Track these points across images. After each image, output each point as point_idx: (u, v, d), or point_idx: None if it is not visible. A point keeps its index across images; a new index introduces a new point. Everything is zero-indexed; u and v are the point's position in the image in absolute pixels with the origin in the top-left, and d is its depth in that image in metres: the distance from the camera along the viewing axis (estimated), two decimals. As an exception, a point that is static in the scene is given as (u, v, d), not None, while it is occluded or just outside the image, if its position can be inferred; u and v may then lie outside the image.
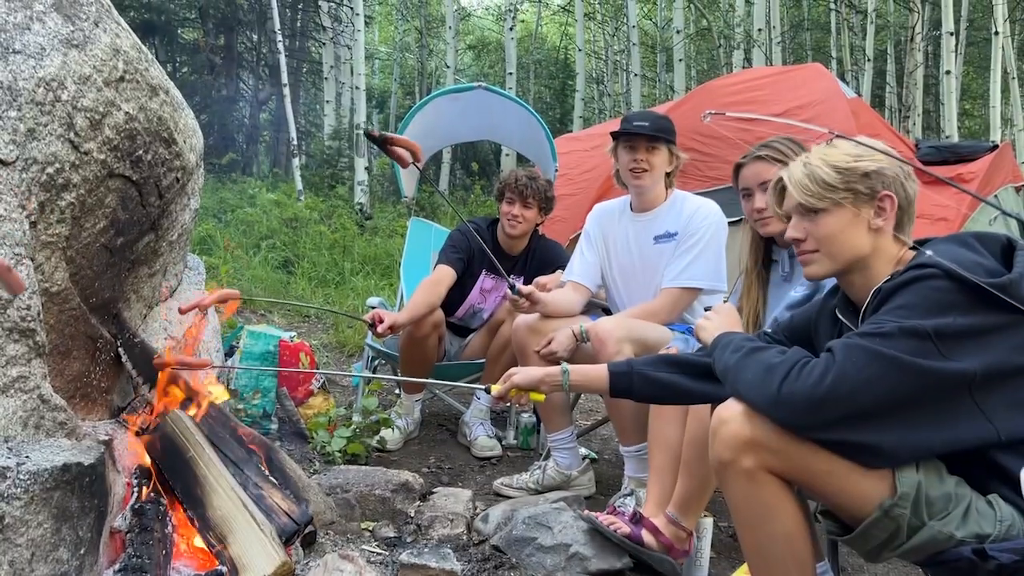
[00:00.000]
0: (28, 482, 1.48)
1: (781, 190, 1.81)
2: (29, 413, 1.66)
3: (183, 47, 15.60)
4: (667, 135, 3.05)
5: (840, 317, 1.77)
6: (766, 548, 1.73)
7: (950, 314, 1.47)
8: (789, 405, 1.56)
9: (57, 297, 1.87)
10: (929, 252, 1.55)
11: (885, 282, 1.60)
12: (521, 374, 2.23)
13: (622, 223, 3.21)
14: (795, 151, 2.41)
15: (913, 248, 1.68)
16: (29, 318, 1.64)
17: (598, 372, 2.13)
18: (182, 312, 2.39)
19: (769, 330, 1.99)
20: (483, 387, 2.39)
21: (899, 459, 1.55)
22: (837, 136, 1.75)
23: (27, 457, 1.53)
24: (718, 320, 2.02)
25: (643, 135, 3.01)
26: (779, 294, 2.51)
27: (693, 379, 2.00)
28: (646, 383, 2.06)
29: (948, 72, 10.68)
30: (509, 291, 3.08)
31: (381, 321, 3.21)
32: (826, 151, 1.73)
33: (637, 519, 2.42)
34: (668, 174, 3.11)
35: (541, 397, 2.25)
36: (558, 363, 2.47)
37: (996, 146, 6.09)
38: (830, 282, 1.91)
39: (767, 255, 2.60)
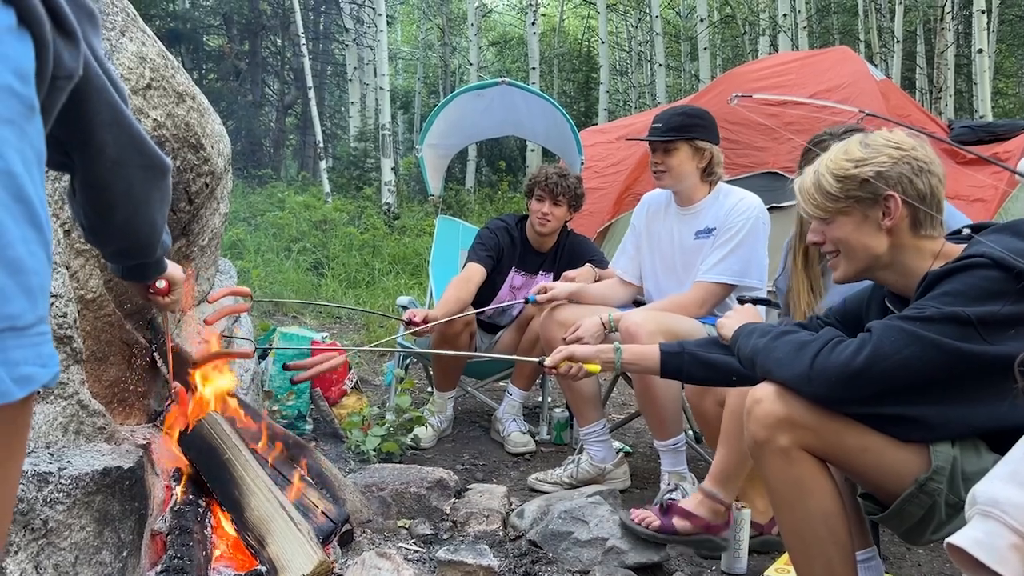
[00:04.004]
0: (70, 486, 1.51)
1: None
2: (69, 419, 1.68)
3: (208, 54, 15.77)
4: (683, 133, 3.00)
5: (889, 305, 1.76)
6: (804, 528, 1.72)
7: (998, 302, 1.46)
8: (822, 379, 1.56)
9: (92, 304, 1.89)
10: (983, 240, 1.53)
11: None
12: (575, 347, 2.28)
13: (667, 218, 3.18)
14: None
15: (952, 239, 1.67)
16: (66, 325, 1.66)
17: (650, 351, 2.16)
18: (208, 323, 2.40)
19: (821, 316, 1.97)
20: (537, 359, 2.40)
21: (937, 432, 1.54)
22: (868, 115, 1.73)
23: (68, 462, 1.56)
24: (738, 317, 2.03)
25: (657, 139, 3.02)
26: None
27: None
28: (697, 363, 2.08)
29: (980, 51, 10.48)
30: (527, 303, 3.34)
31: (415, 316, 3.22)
32: (834, 155, 1.72)
33: (665, 508, 2.40)
34: (704, 169, 3.06)
35: (596, 368, 2.28)
36: None
37: (1033, 124, 5.94)
38: None
39: None
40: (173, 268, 1.50)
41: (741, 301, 2.30)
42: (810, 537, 1.72)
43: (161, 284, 1.48)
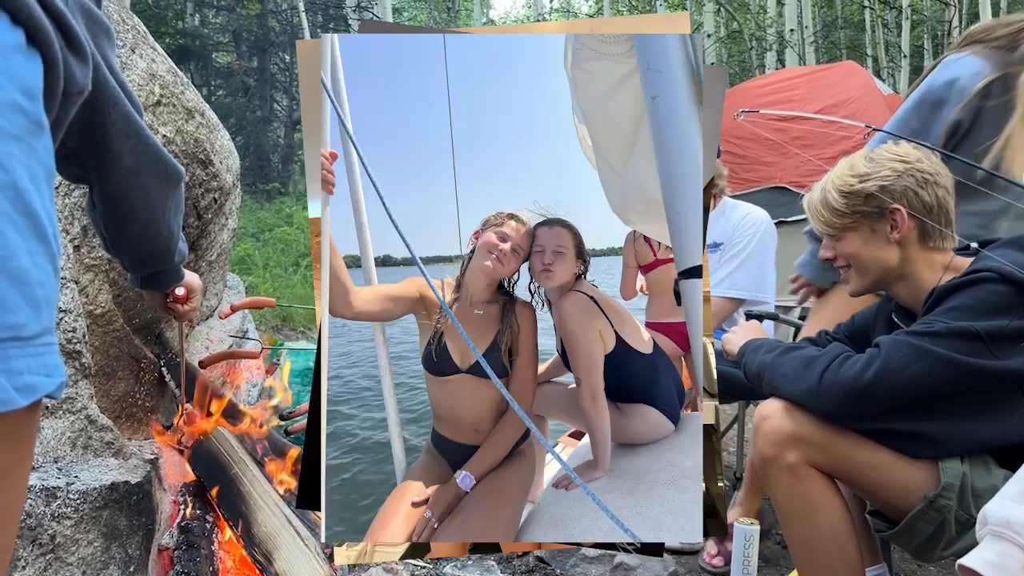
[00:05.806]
0: (77, 501, 1.51)
1: None
2: (77, 433, 1.68)
3: (217, 71, 15.90)
4: None
5: (896, 320, 1.75)
6: (813, 545, 1.71)
7: (1006, 317, 1.46)
8: (831, 395, 1.56)
9: (101, 319, 1.90)
10: (990, 255, 1.53)
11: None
12: None
13: None
14: None
15: (961, 253, 1.67)
16: (75, 340, 1.67)
17: None
18: (222, 318, 2.46)
19: (830, 331, 1.97)
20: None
21: (945, 448, 1.54)
22: (873, 130, 1.73)
23: (76, 477, 1.56)
24: (744, 332, 2.02)
25: None
26: None
27: None
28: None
29: (987, 65, 10.47)
30: None
31: None
32: (839, 171, 1.73)
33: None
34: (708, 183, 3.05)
35: None
36: None
37: (1040, 137, 5.93)
38: None
39: None
40: (190, 276, 1.51)
41: (749, 316, 2.30)
42: (819, 554, 1.70)
43: (180, 292, 1.50)
